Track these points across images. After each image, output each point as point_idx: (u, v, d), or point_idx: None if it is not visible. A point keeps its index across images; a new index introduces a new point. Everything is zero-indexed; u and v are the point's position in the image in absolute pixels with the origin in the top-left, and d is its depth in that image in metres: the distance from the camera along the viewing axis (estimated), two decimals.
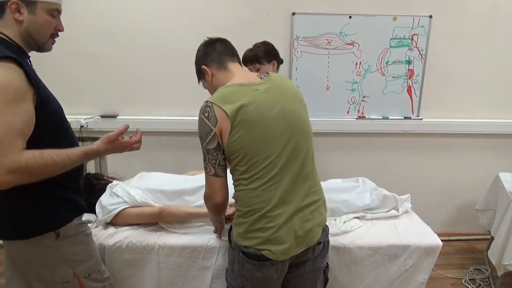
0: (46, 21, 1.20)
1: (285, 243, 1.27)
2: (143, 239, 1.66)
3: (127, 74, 2.58)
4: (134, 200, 1.74)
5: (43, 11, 1.18)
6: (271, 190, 1.26)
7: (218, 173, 1.29)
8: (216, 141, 1.25)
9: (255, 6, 2.49)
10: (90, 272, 1.33)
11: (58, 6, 1.23)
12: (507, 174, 2.37)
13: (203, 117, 1.25)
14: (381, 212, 1.94)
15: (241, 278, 1.36)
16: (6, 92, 1.04)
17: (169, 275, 1.68)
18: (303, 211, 1.31)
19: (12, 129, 1.05)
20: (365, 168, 2.79)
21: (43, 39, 1.22)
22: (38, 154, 1.09)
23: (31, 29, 1.18)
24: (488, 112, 2.78)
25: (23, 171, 1.06)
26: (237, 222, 1.34)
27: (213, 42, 1.41)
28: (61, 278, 1.28)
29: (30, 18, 1.16)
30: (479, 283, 2.39)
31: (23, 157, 1.06)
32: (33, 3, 1.16)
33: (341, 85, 2.64)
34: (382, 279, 1.76)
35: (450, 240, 2.91)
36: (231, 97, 1.24)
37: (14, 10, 1.14)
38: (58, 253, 1.26)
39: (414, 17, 2.55)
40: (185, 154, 2.70)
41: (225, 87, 1.28)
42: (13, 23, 1.15)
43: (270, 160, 1.25)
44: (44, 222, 1.22)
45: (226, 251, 1.67)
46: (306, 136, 1.34)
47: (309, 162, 1.35)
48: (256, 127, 1.24)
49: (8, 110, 1.04)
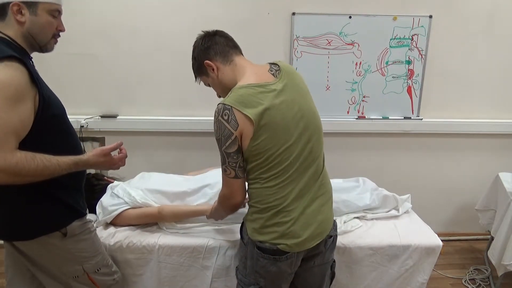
0: (48, 21, 1.21)
1: (301, 237, 1.29)
2: (143, 239, 1.67)
3: (127, 74, 2.57)
4: (135, 201, 1.74)
5: (44, 11, 1.20)
6: (288, 187, 1.28)
7: (239, 175, 1.28)
8: (237, 145, 1.23)
9: (255, 6, 2.49)
10: (98, 267, 1.35)
11: (59, 6, 1.25)
12: (507, 174, 2.37)
13: (222, 120, 1.21)
14: (381, 212, 1.94)
15: (254, 274, 1.36)
16: (7, 89, 1.05)
17: (170, 274, 1.68)
18: (316, 205, 1.33)
19: (7, 127, 1.05)
20: (365, 168, 2.79)
21: (45, 39, 1.24)
22: (30, 156, 1.09)
23: (33, 30, 1.19)
24: (488, 112, 2.78)
25: (12, 171, 1.05)
26: (251, 218, 1.34)
27: (211, 34, 1.36)
28: (71, 273, 1.30)
29: (31, 19, 1.18)
30: (479, 283, 2.39)
31: (15, 156, 1.06)
32: (34, 4, 1.17)
33: (341, 85, 2.64)
34: (382, 279, 1.76)
35: (450, 240, 2.91)
36: (250, 100, 1.21)
37: (16, 11, 1.15)
38: (66, 251, 1.28)
39: (414, 17, 2.55)
40: (185, 154, 2.70)
41: (240, 88, 1.24)
42: (15, 24, 1.17)
43: (290, 160, 1.26)
44: (50, 222, 1.23)
45: (226, 251, 1.67)
46: (320, 132, 1.37)
47: (322, 157, 1.39)
48: (278, 129, 1.24)
49: (6, 108, 1.05)
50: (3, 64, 1.06)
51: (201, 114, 2.59)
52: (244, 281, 1.40)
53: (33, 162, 1.09)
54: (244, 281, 1.41)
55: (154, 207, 1.73)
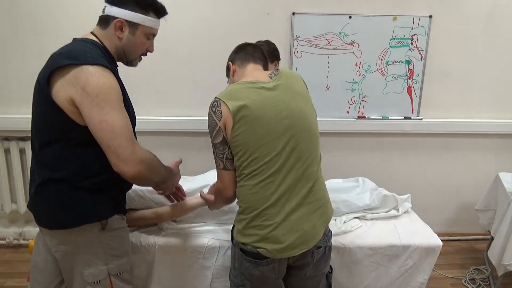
0: (142, 42, 1.33)
1: (282, 243, 1.27)
2: (143, 239, 1.67)
3: (127, 74, 2.56)
4: (134, 203, 1.73)
5: (142, 33, 1.31)
6: (270, 187, 1.27)
7: (227, 167, 1.32)
8: (221, 136, 1.28)
9: (255, 6, 2.49)
10: (121, 270, 1.35)
11: (156, 31, 1.36)
12: (507, 174, 2.37)
13: (210, 112, 1.30)
14: (381, 212, 1.94)
15: (240, 276, 1.36)
16: (113, 91, 1.16)
17: (169, 274, 1.68)
18: (303, 212, 1.30)
19: (128, 124, 1.18)
20: (365, 168, 2.79)
21: (134, 56, 1.36)
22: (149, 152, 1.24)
23: (127, 47, 1.31)
24: (488, 112, 2.78)
25: (148, 163, 1.19)
26: (237, 219, 1.35)
27: (246, 45, 1.50)
28: (93, 277, 1.29)
29: (129, 38, 1.29)
30: (479, 283, 2.39)
31: (144, 149, 1.20)
32: (136, 25, 1.28)
33: (341, 85, 2.64)
34: (382, 279, 1.76)
35: (450, 240, 2.91)
36: (236, 94, 1.28)
37: (117, 27, 1.26)
38: (99, 245, 1.28)
39: (414, 17, 2.55)
40: (185, 154, 2.68)
41: (234, 84, 1.33)
42: (113, 37, 1.28)
43: (270, 158, 1.26)
44: (94, 212, 1.26)
45: (226, 251, 1.67)
46: (312, 135, 1.34)
47: (315, 162, 1.35)
48: (257, 124, 1.25)
49: (120, 108, 1.17)
50: (103, 69, 1.15)
51: (201, 114, 2.59)
52: (234, 282, 1.41)
53: (155, 156, 1.26)
54: (234, 282, 1.41)
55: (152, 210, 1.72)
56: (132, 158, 1.14)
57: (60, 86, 1.13)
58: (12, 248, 2.67)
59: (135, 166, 1.15)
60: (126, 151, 1.13)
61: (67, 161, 1.20)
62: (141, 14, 1.28)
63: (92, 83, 1.12)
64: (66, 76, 1.13)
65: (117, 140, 1.13)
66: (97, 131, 1.13)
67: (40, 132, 1.22)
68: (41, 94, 1.18)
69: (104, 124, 1.12)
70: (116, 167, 1.15)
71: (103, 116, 1.12)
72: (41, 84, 1.17)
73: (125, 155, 1.13)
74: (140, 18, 1.27)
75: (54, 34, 2.41)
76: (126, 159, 1.13)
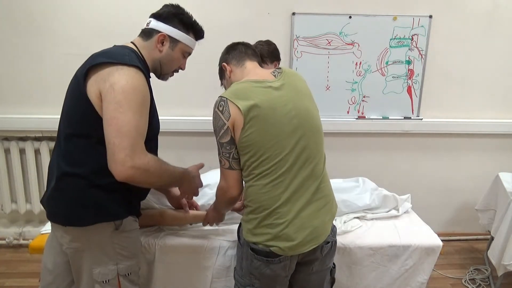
0: (178, 58, 1.40)
1: (294, 240, 1.28)
2: (143, 239, 1.66)
3: None
4: None
5: (180, 50, 1.38)
6: (280, 186, 1.27)
7: (233, 166, 1.31)
8: (229, 135, 1.27)
9: (255, 6, 2.49)
10: (130, 271, 1.35)
11: (191, 50, 1.43)
12: (507, 174, 2.37)
13: (217, 111, 1.28)
14: (381, 212, 1.94)
15: (249, 276, 1.36)
16: (139, 94, 1.18)
17: (169, 274, 1.68)
18: (312, 208, 1.32)
19: (139, 130, 1.18)
20: (365, 168, 2.79)
21: (168, 71, 1.42)
22: (156, 157, 1.25)
23: (164, 60, 1.37)
24: (488, 112, 2.78)
25: (144, 169, 1.17)
26: (246, 219, 1.35)
27: (235, 44, 1.48)
28: (102, 276, 1.29)
29: (167, 52, 1.36)
30: (479, 283, 2.39)
31: (147, 156, 1.19)
32: (176, 41, 1.35)
33: (341, 85, 2.64)
34: (383, 279, 1.76)
35: (450, 240, 2.91)
36: (244, 93, 1.26)
37: (159, 41, 1.33)
38: (111, 245, 1.29)
39: (414, 17, 2.55)
40: (185, 154, 2.70)
41: (239, 83, 1.31)
42: (153, 50, 1.34)
43: (281, 157, 1.26)
44: (108, 211, 1.26)
45: (226, 251, 1.67)
46: (319, 134, 1.36)
47: (322, 160, 1.37)
48: (268, 124, 1.25)
49: (139, 111, 1.17)
50: (135, 70, 1.18)
51: (201, 114, 2.59)
52: (241, 282, 1.41)
53: (158, 162, 1.24)
54: (240, 282, 1.41)
55: (156, 210, 1.72)
56: (125, 162, 1.12)
57: (93, 81, 1.18)
58: (12, 248, 2.67)
59: (126, 170, 1.13)
60: (121, 153, 1.12)
61: (89, 157, 1.21)
62: (183, 32, 1.36)
63: (121, 82, 1.15)
64: (101, 72, 1.17)
65: (119, 140, 1.13)
66: (106, 125, 1.15)
67: (68, 124, 1.24)
68: (76, 88, 1.22)
69: (114, 121, 1.13)
70: (109, 165, 1.15)
71: (117, 113, 1.13)
72: (78, 78, 1.21)
73: (119, 156, 1.12)
74: (181, 35, 1.35)
75: (54, 34, 2.41)
76: (119, 161, 1.12)
